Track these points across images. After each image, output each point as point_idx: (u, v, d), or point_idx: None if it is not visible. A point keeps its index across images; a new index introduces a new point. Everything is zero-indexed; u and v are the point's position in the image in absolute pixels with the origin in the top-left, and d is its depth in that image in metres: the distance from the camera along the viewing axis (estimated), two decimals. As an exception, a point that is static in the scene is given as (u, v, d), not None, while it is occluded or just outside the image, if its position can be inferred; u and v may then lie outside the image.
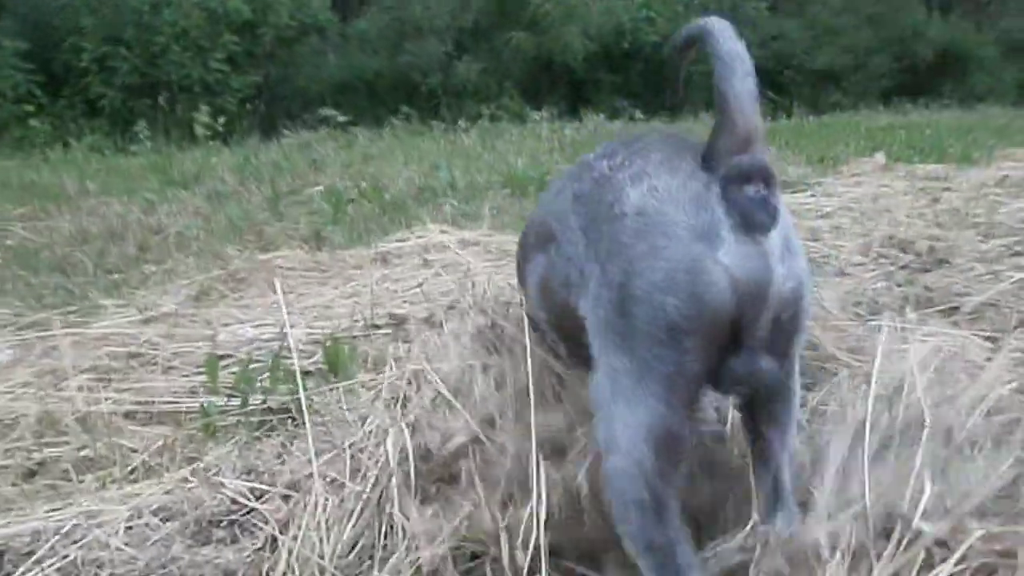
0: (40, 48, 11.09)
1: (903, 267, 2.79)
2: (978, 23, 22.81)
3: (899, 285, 2.47)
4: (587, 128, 9.99)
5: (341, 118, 8.49)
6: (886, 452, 1.19)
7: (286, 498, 1.21)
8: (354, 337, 2.13)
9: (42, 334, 2.27)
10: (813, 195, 4.64)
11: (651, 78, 15.73)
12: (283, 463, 1.27)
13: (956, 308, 2.11)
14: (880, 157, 6.46)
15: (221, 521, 1.24)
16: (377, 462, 1.07)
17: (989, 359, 1.63)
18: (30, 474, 1.54)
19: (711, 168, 0.99)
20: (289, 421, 1.64)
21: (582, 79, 15.01)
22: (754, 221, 0.95)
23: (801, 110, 15.20)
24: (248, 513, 1.26)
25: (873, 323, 1.86)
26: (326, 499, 1.14)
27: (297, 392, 1.78)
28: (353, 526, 1.12)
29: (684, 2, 15.84)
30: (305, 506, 1.15)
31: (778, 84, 17.66)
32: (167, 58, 11.08)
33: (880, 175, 5.62)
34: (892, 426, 1.26)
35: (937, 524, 1.02)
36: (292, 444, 1.36)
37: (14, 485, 1.47)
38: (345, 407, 1.45)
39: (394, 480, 1.09)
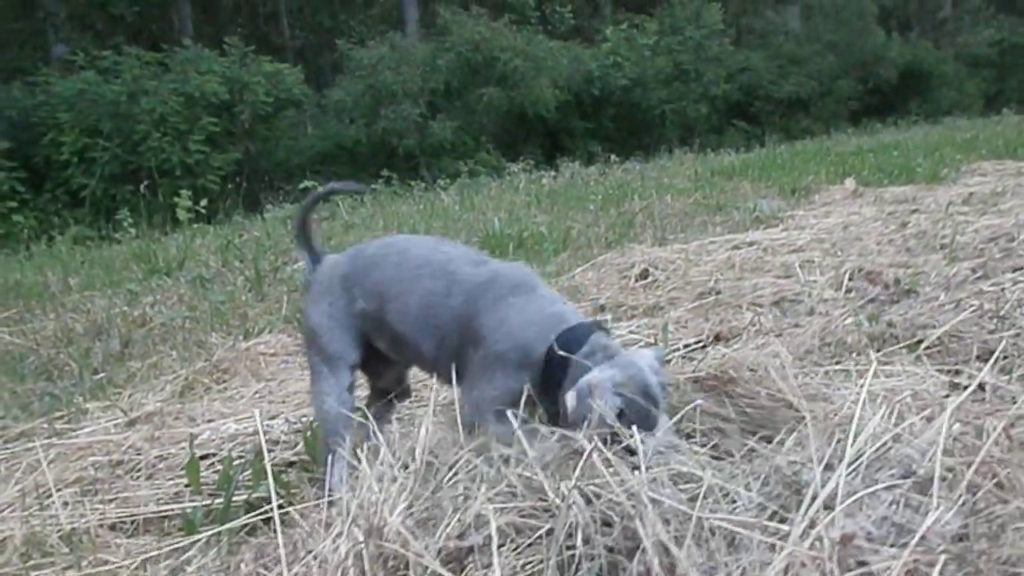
0: (21, 145, 11.30)
1: (871, 300, 2.85)
2: (936, 40, 23.48)
3: (868, 321, 2.52)
4: (564, 176, 10.16)
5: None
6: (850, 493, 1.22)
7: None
8: (336, 422, 2.16)
9: (29, 446, 2.28)
10: (785, 229, 4.72)
11: (623, 121, 16.08)
12: (258, 576, 1.29)
13: (920, 342, 2.16)
14: (850, 183, 6.60)
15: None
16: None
17: (947, 395, 1.68)
18: (17, 599, 1.55)
19: None
20: (270, 517, 1.66)
21: (556, 128, 15.33)
22: None
23: (773, 138, 15.52)
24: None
25: (836, 368, 1.91)
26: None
27: (280, 487, 1.82)
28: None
29: (649, 46, 16.26)
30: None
31: (750, 115, 18.08)
32: (147, 145, 11.29)
33: (850, 202, 5.75)
34: (857, 463, 1.30)
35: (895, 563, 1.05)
36: (271, 551, 1.37)
37: (1, 612, 1.48)
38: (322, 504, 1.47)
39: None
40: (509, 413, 1.32)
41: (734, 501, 1.11)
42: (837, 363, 2.02)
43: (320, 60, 20.15)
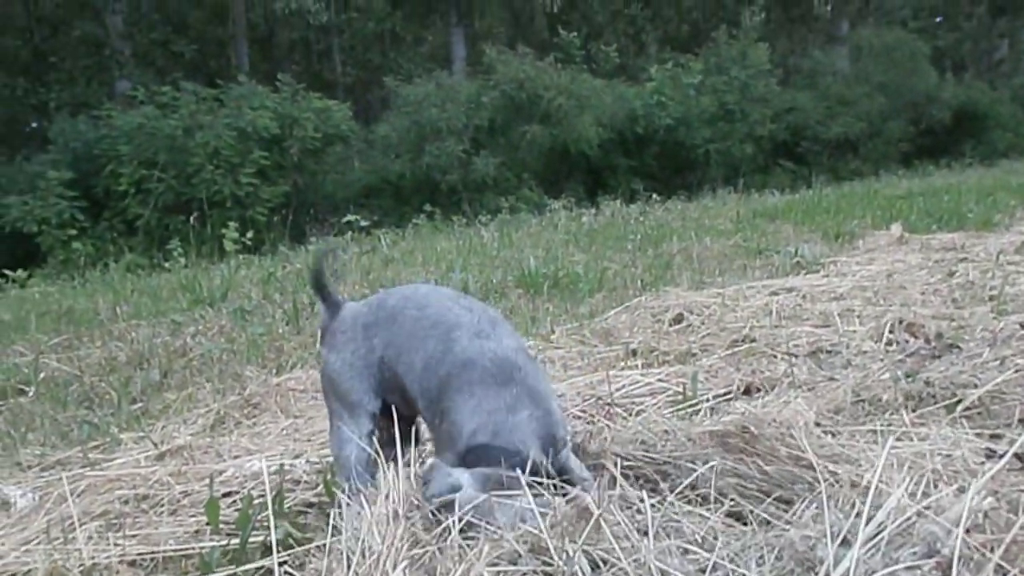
0: (83, 175, 11.83)
1: (911, 354, 2.76)
2: (992, 82, 23.01)
3: (906, 376, 2.44)
4: (604, 215, 10.15)
5: (364, 223, 8.78)
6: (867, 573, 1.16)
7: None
8: (358, 464, 2.16)
9: (62, 475, 2.34)
10: (826, 276, 4.63)
11: (667, 160, 16.05)
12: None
13: (959, 402, 2.08)
14: (896, 229, 6.45)
15: None
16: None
17: (983, 462, 1.61)
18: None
19: None
20: (287, 561, 1.67)
21: (598, 165, 15.38)
22: None
23: (821, 179, 15.30)
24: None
25: (865, 428, 1.84)
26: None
27: (296, 529, 1.83)
28: None
29: (694, 85, 16.26)
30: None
31: (796, 155, 17.87)
32: (200, 177, 11.70)
33: (895, 249, 5.61)
34: (876, 539, 1.24)
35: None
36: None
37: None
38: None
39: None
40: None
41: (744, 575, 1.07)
42: (869, 422, 1.96)
43: (369, 96, 20.69)
